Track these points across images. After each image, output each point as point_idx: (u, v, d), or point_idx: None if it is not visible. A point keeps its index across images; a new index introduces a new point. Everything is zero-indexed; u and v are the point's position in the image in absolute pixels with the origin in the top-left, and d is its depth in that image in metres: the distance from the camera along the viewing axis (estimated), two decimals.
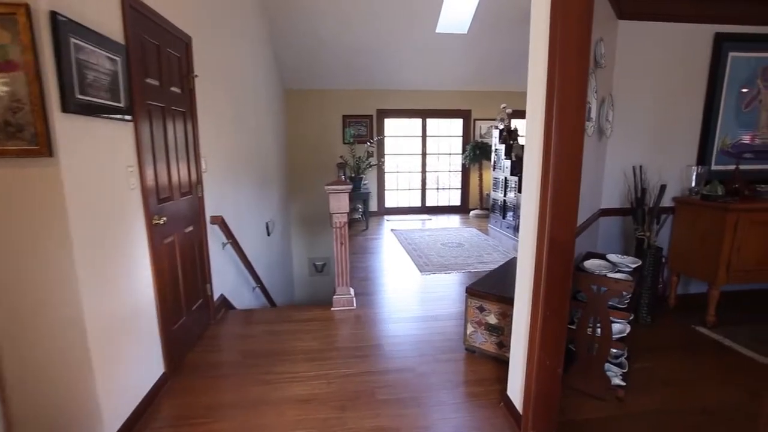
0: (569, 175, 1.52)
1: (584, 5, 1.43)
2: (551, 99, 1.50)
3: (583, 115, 1.50)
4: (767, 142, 3.28)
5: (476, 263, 4.57)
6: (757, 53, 3.07)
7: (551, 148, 1.49)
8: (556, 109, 1.49)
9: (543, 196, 1.56)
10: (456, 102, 7.72)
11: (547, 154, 1.52)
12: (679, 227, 3.16)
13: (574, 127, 1.49)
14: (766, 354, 2.62)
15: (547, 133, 1.51)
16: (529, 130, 1.64)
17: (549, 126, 1.51)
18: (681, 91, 3.08)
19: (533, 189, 1.64)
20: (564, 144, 1.49)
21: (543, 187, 1.56)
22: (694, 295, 3.39)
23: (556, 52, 1.45)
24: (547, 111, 1.52)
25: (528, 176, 1.67)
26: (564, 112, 1.49)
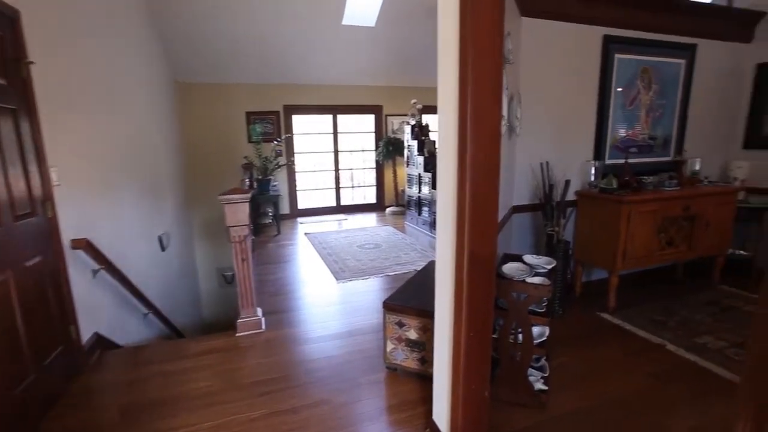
0: (487, 184, 1.37)
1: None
2: (464, 99, 1.32)
3: (499, 119, 1.35)
4: (646, 137, 3.58)
5: (394, 265, 4.43)
6: (637, 56, 3.31)
7: (466, 158, 1.32)
8: (470, 112, 1.31)
9: (460, 207, 1.38)
10: (367, 97, 7.53)
11: (462, 163, 1.35)
12: (581, 219, 3.31)
13: (491, 133, 1.33)
14: (656, 333, 2.82)
15: (462, 141, 1.33)
16: (441, 137, 1.46)
17: (463, 133, 1.33)
18: (579, 90, 3.21)
19: (448, 201, 1.46)
20: (481, 151, 1.32)
21: (459, 199, 1.39)
22: (595, 282, 3.60)
23: (468, 41, 1.27)
24: (460, 115, 1.34)
25: (442, 187, 1.49)
26: (479, 116, 1.32)
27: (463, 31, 1.30)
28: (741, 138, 4.00)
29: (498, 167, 1.38)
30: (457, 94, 1.37)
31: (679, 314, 3.13)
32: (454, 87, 1.37)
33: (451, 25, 1.35)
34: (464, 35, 1.30)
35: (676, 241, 3.33)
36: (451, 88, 1.38)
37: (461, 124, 1.35)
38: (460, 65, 1.33)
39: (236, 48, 5.70)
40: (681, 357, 2.55)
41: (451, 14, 1.36)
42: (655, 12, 3.28)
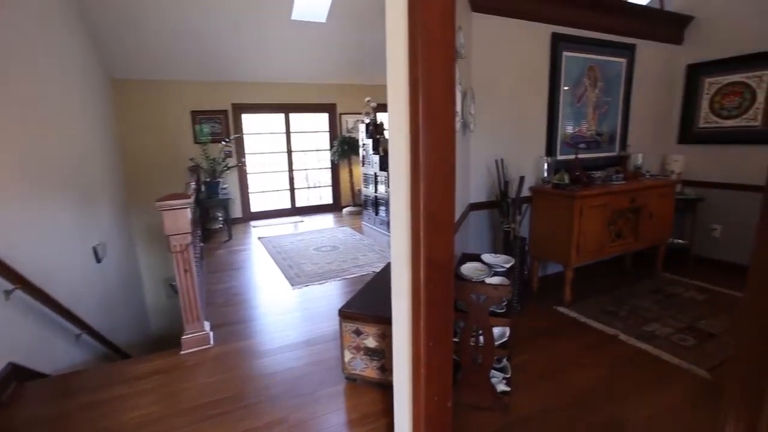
0: (443, 185, 1.28)
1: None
2: (415, 95, 1.23)
3: (453, 116, 1.27)
4: (593, 133, 3.69)
5: (352, 267, 4.31)
6: (584, 54, 3.39)
7: (420, 159, 1.23)
8: (422, 109, 1.22)
9: (414, 211, 1.29)
10: (320, 96, 7.33)
11: (415, 164, 1.25)
12: (536, 215, 3.35)
13: (445, 131, 1.25)
14: (609, 324, 2.90)
15: (414, 140, 1.24)
16: (392, 136, 1.35)
17: (415, 132, 1.23)
18: (530, 86, 3.23)
19: (401, 205, 1.36)
20: (434, 151, 1.23)
21: (413, 202, 1.29)
22: (550, 276, 3.67)
23: (417, 31, 1.17)
24: (411, 112, 1.24)
25: (395, 189, 1.38)
26: (432, 113, 1.23)
27: (413, 21, 1.21)
28: (676, 133, 4.24)
29: (453, 168, 1.30)
30: (407, 90, 1.27)
31: (628, 303, 3.24)
32: (404, 81, 1.27)
33: (400, 14, 1.25)
34: (414, 25, 1.21)
35: (624, 232, 3.45)
36: (401, 83, 1.28)
37: (413, 122, 1.26)
38: (409, 58, 1.24)
39: (177, 42, 5.32)
40: (633, 346, 2.62)
41: (399, 3, 1.26)
42: (599, 12, 3.38)
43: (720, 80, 3.85)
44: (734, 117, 3.79)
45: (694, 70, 4.02)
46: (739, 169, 3.79)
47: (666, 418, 1.99)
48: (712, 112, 3.94)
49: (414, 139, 1.25)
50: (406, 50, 1.24)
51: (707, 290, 3.47)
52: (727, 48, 3.75)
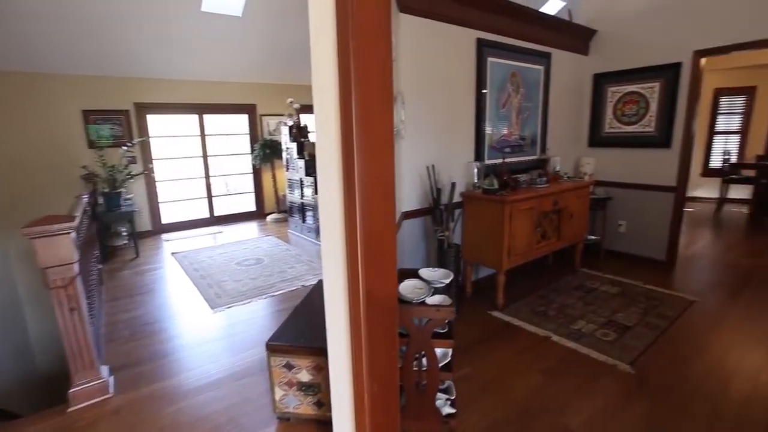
0: (382, 205, 1.11)
1: None
2: (348, 101, 1.04)
3: (391, 125, 1.11)
4: (517, 137, 3.80)
5: (279, 282, 4.00)
6: (507, 60, 3.46)
7: (355, 176, 1.05)
8: (357, 117, 1.04)
9: (350, 237, 1.10)
10: (238, 95, 6.81)
11: (349, 181, 1.07)
12: (468, 221, 3.34)
13: (383, 143, 1.08)
14: (541, 325, 2.98)
15: (347, 155, 1.05)
16: (321, 148, 1.15)
17: (349, 144, 1.05)
18: (458, 91, 3.21)
19: (335, 229, 1.16)
20: (372, 166, 1.06)
21: (349, 226, 1.11)
22: (482, 279, 3.71)
23: (349, 25, 0.99)
24: (344, 120, 1.06)
25: (326, 211, 1.19)
26: (368, 122, 1.05)
27: (343, 13, 1.02)
28: (586, 137, 4.55)
29: (393, 185, 1.13)
30: (337, 95, 1.08)
31: (555, 301, 3.37)
32: (333, 85, 1.08)
33: (327, 6, 1.05)
34: (344, 18, 1.02)
35: (549, 233, 3.59)
36: (329, 87, 1.09)
37: (345, 132, 1.07)
38: (339, 58, 1.05)
39: (67, 30, 4.54)
40: (564, 346, 2.70)
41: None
42: (519, 20, 3.47)
43: (621, 89, 4.19)
44: (633, 123, 4.15)
45: (599, 80, 4.34)
46: (639, 171, 4.16)
47: (604, 418, 2.04)
48: (615, 119, 4.28)
49: (347, 153, 1.07)
50: (335, 50, 1.05)
51: (619, 283, 3.74)
52: (625, 60, 4.09)
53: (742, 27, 3.36)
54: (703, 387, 2.26)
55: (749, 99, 7.20)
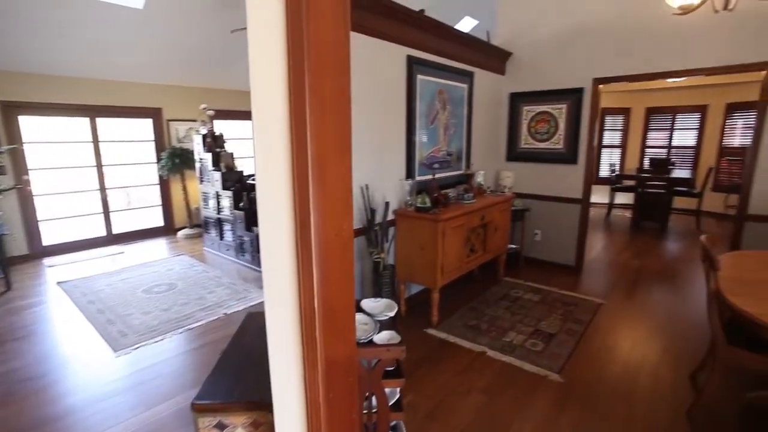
0: (342, 266, 0.98)
1: None
2: (302, 134, 0.90)
3: (350, 164, 0.98)
4: (445, 153, 3.88)
5: (198, 311, 3.59)
6: (435, 78, 3.50)
7: (310, 231, 0.90)
8: (313, 157, 0.89)
9: (306, 303, 0.95)
10: (140, 97, 6.06)
11: (304, 236, 0.92)
12: (401, 239, 3.30)
13: (342, 189, 0.95)
14: (476, 340, 3.04)
15: (303, 207, 0.90)
16: (262, 192, 0.98)
17: (303, 190, 0.90)
18: (390, 107, 3.16)
19: (286, 293, 1.00)
20: (330, 222, 0.92)
21: (304, 292, 0.95)
22: (415, 296, 3.70)
23: (304, 36, 0.84)
24: (297, 161, 0.91)
25: (272, 269, 1.01)
26: (323, 161, 0.91)
27: (296, 40, 0.87)
28: (504, 152, 4.83)
29: (352, 237, 1.01)
30: (288, 139, 0.93)
31: (486, 314, 3.48)
32: (282, 114, 0.92)
33: (274, 9, 0.89)
34: (296, 19, 0.87)
35: (476, 247, 3.71)
36: (277, 115, 0.92)
37: (298, 175, 0.92)
38: (292, 78, 0.89)
39: None
40: (499, 361, 2.77)
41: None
42: (444, 39, 3.54)
43: (534, 109, 4.51)
44: (545, 140, 4.49)
45: (514, 99, 4.63)
46: (551, 184, 4.51)
47: (544, 431, 2.11)
48: (530, 135, 4.60)
49: (302, 207, 0.92)
50: (286, 82, 0.90)
51: (539, 290, 4.00)
52: (537, 82, 4.42)
53: (627, 63, 3.82)
54: (618, 388, 2.46)
55: (626, 118, 8.31)
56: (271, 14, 0.89)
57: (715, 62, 3.44)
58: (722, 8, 2.20)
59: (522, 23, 4.40)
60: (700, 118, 7.50)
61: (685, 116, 7.68)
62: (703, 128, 7.49)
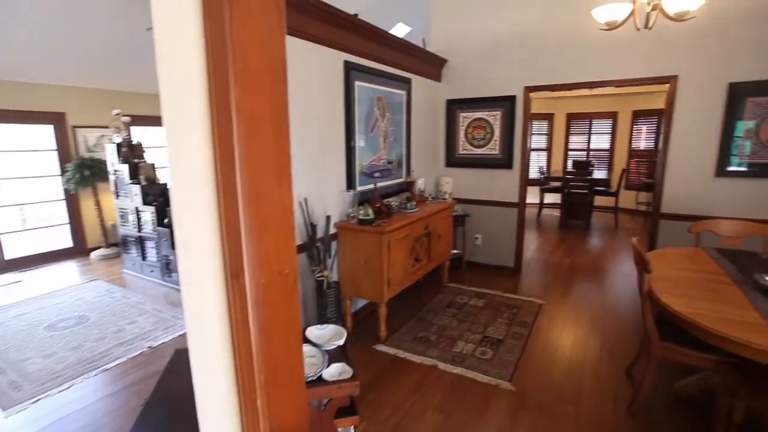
0: (286, 311, 0.81)
1: None
2: (228, 161, 0.72)
3: (291, 198, 0.82)
4: (385, 162, 3.79)
5: (115, 346, 3.14)
6: (373, 84, 3.40)
7: (244, 282, 0.73)
8: (245, 187, 0.72)
9: (243, 368, 0.77)
10: (38, 100, 5.28)
11: (238, 290, 0.74)
12: (344, 253, 3.15)
13: (284, 229, 0.78)
14: (426, 353, 2.96)
15: (233, 257, 0.72)
16: (181, 231, 0.79)
17: (233, 229, 0.73)
18: (329, 116, 2.99)
19: (219, 361, 0.81)
20: (269, 269, 0.76)
21: (239, 342, 0.78)
22: (360, 310, 3.56)
23: (228, 36, 0.68)
24: (224, 193, 0.73)
25: (198, 330, 0.82)
26: (258, 192, 0.75)
27: (214, 21, 0.70)
28: (443, 158, 4.87)
29: (297, 280, 0.84)
30: (210, 150, 0.75)
31: (434, 324, 3.43)
32: (202, 135, 0.74)
33: (186, 3, 0.71)
34: (218, 28, 0.70)
35: (421, 256, 3.66)
36: (195, 137, 0.74)
37: (226, 210, 0.74)
38: (213, 89, 0.72)
39: None
40: (451, 373, 2.72)
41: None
42: (382, 46, 3.45)
43: (470, 115, 4.60)
44: (482, 146, 4.59)
45: (451, 105, 4.68)
46: (490, 188, 4.62)
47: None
48: (467, 141, 4.67)
49: (230, 225, 0.74)
50: (203, 60, 0.72)
51: (483, 295, 4.05)
52: (473, 89, 4.51)
53: (556, 72, 4.02)
54: (566, 390, 2.52)
55: (550, 123, 8.88)
56: (182, 8, 0.71)
57: (635, 74, 3.71)
58: (643, 26, 2.34)
59: (456, 31, 4.46)
60: (612, 124, 8.21)
61: (600, 122, 8.37)
62: (615, 133, 8.21)
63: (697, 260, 2.67)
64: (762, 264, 2.53)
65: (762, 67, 3.27)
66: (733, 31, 3.31)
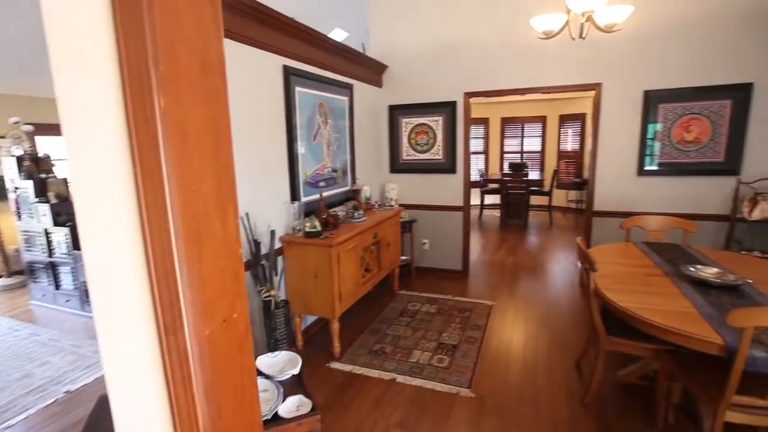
0: (234, 348, 0.68)
1: None
2: (155, 184, 0.57)
3: (238, 235, 0.68)
4: (330, 170, 3.66)
5: (21, 396, 2.68)
6: (314, 90, 3.26)
7: (185, 344, 0.58)
8: (177, 219, 0.58)
9: (183, 414, 0.62)
10: None
11: (171, 326, 0.59)
12: (291, 268, 2.96)
13: (232, 272, 0.65)
14: (383, 367, 2.87)
15: (167, 311, 0.58)
16: (93, 280, 0.63)
17: (168, 282, 0.58)
18: (269, 124, 2.81)
19: (147, 405, 0.65)
20: (212, 323, 0.62)
21: (180, 407, 0.62)
22: (311, 326, 3.39)
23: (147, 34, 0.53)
24: (152, 228, 0.58)
25: (118, 393, 0.65)
26: (197, 228, 0.60)
27: (130, 14, 0.55)
28: (388, 165, 4.83)
29: (248, 325, 0.71)
30: (131, 181, 0.59)
31: (388, 334, 3.34)
32: (121, 164, 0.59)
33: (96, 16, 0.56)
34: (135, 22, 0.55)
35: (371, 266, 3.57)
36: (112, 169, 0.59)
37: (157, 256, 0.59)
38: (131, 103, 0.57)
39: None
40: (410, 386, 2.64)
41: None
42: (321, 50, 3.32)
43: (412, 121, 4.60)
44: (426, 151, 4.61)
45: (393, 111, 4.66)
46: (435, 193, 4.65)
47: None
48: (411, 147, 4.67)
49: (162, 272, 0.59)
50: (116, 64, 0.56)
51: (434, 300, 4.05)
52: (414, 95, 4.52)
53: (494, 78, 4.15)
54: (523, 390, 2.55)
55: (486, 128, 9.25)
56: None
57: (565, 81, 3.92)
58: (578, 36, 2.45)
59: (395, 37, 4.44)
60: (542, 128, 8.73)
61: (531, 126, 8.87)
62: (545, 136, 8.73)
63: (630, 255, 2.84)
64: (684, 255, 2.76)
65: (670, 76, 3.60)
66: (648, 45, 3.61)
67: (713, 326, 1.77)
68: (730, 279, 2.19)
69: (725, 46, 3.44)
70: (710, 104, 3.55)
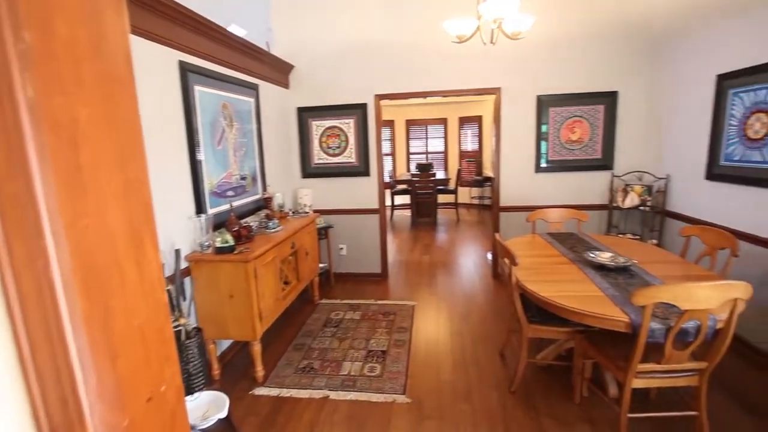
0: None
1: None
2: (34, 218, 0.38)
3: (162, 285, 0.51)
4: (238, 177, 3.35)
5: None
6: (217, 90, 2.94)
7: (84, 409, 0.40)
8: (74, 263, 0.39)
9: None
10: None
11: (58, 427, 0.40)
12: (202, 290, 2.62)
13: (163, 345, 0.47)
14: (313, 385, 2.69)
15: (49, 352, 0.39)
16: None
17: (51, 323, 0.39)
18: (165, 128, 2.43)
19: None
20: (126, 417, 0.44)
21: None
22: (227, 351, 3.06)
23: None
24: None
25: None
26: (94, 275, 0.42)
27: None
28: (299, 170, 4.61)
29: (183, 400, 0.54)
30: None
31: (314, 348, 3.16)
32: None
33: None
34: None
35: (290, 278, 3.35)
36: None
37: (33, 333, 0.39)
38: None
39: None
40: (345, 401, 2.51)
41: None
42: (222, 46, 3.01)
43: (323, 123, 4.45)
44: (338, 155, 4.50)
45: (302, 113, 4.46)
46: (350, 197, 4.56)
47: None
48: (322, 151, 4.52)
49: (39, 333, 0.39)
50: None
51: (357, 306, 3.95)
52: (323, 97, 4.37)
53: (400, 82, 4.20)
54: (457, 387, 2.59)
55: (392, 130, 9.46)
56: None
57: (467, 85, 4.12)
58: (489, 41, 2.56)
59: (301, 37, 4.25)
60: (444, 129, 9.20)
61: (434, 127, 9.29)
62: (447, 137, 9.22)
63: (537, 246, 3.08)
64: (580, 242, 3.07)
65: (557, 83, 4.01)
66: (541, 54, 3.97)
67: (619, 306, 1.96)
68: (621, 261, 2.48)
69: (599, 59, 3.94)
70: (588, 108, 4.04)
